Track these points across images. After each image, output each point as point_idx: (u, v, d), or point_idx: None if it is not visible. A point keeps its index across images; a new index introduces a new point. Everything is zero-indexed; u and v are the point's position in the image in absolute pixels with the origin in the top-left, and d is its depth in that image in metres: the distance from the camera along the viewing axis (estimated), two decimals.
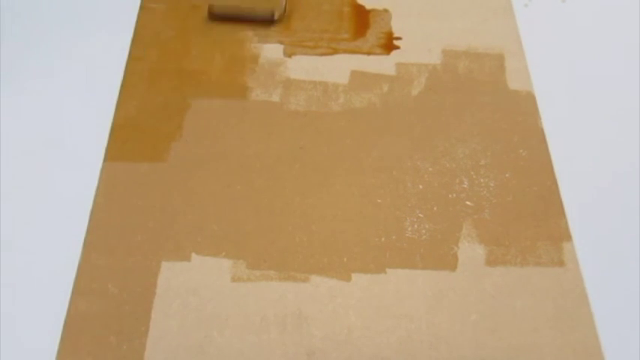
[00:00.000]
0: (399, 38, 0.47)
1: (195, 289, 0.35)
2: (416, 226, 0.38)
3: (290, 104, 0.43)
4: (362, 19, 0.48)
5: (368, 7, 0.49)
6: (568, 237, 0.37)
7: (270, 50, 0.46)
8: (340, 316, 0.34)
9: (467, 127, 0.42)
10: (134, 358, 0.33)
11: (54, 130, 0.42)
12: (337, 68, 0.45)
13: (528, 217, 0.38)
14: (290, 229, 0.38)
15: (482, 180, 0.40)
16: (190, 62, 0.46)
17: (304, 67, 0.45)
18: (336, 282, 0.36)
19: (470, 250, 0.37)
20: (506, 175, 0.40)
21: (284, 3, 0.48)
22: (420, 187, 0.39)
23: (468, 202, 0.39)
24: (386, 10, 0.49)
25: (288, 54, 0.46)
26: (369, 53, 0.46)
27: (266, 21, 0.48)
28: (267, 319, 0.34)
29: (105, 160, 0.40)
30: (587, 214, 0.39)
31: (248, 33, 0.47)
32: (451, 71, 0.45)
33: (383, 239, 0.37)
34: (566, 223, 0.38)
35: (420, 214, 0.38)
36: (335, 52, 0.46)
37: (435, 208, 0.39)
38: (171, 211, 0.38)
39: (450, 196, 0.39)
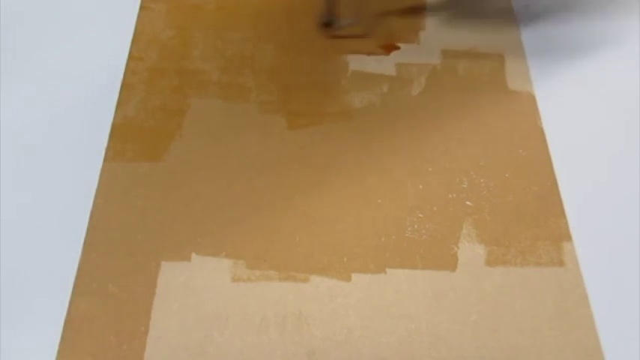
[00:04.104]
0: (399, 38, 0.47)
1: (195, 289, 0.35)
2: (416, 226, 0.38)
3: (290, 104, 0.43)
4: None
5: None
6: (568, 237, 0.37)
7: (270, 50, 0.46)
8: (340, 316, 0.34)
9: (467, 127, 0.42)
10: (134, 358, 0.33)
11: (54, 129, 0.42)
12: (337, 68, 0.45)
13: (528, 217, 0.38)
14: (290, 229, 0.38)
15: (482, 180, 0.40)
16: (190, 62, 0.46)
17: (304, 67, 0.45)
18: (336, 282, 0.36)
19: (470, 250, 0.37)
20: (506, 175, 0.40)
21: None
22: (420, 187, 0.39)
23: (468, 202, 0.39)
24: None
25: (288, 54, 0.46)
26: (369, 53, 0.46)
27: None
28: (267, 319, 0.34)
29: (105, 160, 0.40)
30: (587, 214, 0.39)
31: (247, 34, 0.47)
32: (451, 71, 0.45)
33: (383, 239, 0.37)
34: (566, 223, 0.38)
35: (420, 214, 0.38)
36: (335, 52, 0.46)
37: (435, 208, 0.39)
38: (171, 211, 0.38)
39: (450, 196, 0.39)
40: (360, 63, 0.46)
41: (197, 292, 0.35)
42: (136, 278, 0.35)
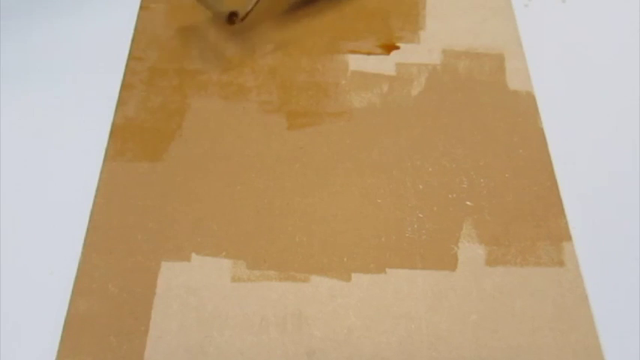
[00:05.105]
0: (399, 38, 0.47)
1: (195, 289, 0.35)
2: (416, 226, 0.38)
3: (290, 104, 0.43)
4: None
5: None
6: (568, 237, 0.37)
7: (270, 50, 0.46)
8: (340, 316, 0.34)
9: (467, 127, 0.42)
10: (134, 358, 0.33)
11: (54, 130, 0.42)
12: (337, 68, 0.45)
13: (528, 217, 0.38)
14: (290, 229, 0.38)
15: (482, 180, 0.40)
16: (190, 62, 0.46)
17: (304, 67, 0.45)
18: (336, 282, 0.36)
19: (470, 250, 0.37)
20: (506, 175, 0.40)
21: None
22: (420, 187, 0.39)
23: (468, 202, 0.39)
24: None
25: (289, 54, 0.46)
26: (369, 53, 0.46)
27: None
28: (267, 319, 0.34)
29: (105, 160, 0.40)
30: (587, 214, 0.39)
31: (247, 33, 0.47)
32: (451, 71, 0.45)
33: (383, 239, 0.37)
34: (566, 223, 0.38)
35: (420, 214, 0.38)
36: (335, 52, 0.46)
37: (435, 208, 0.39)
38: (171, 211, 0.38)
39: (450, 196, 0.39)
40: (360, 63, 0.46)
41: (197, 292, 0.35)
42: (136, 278, 0.35)
